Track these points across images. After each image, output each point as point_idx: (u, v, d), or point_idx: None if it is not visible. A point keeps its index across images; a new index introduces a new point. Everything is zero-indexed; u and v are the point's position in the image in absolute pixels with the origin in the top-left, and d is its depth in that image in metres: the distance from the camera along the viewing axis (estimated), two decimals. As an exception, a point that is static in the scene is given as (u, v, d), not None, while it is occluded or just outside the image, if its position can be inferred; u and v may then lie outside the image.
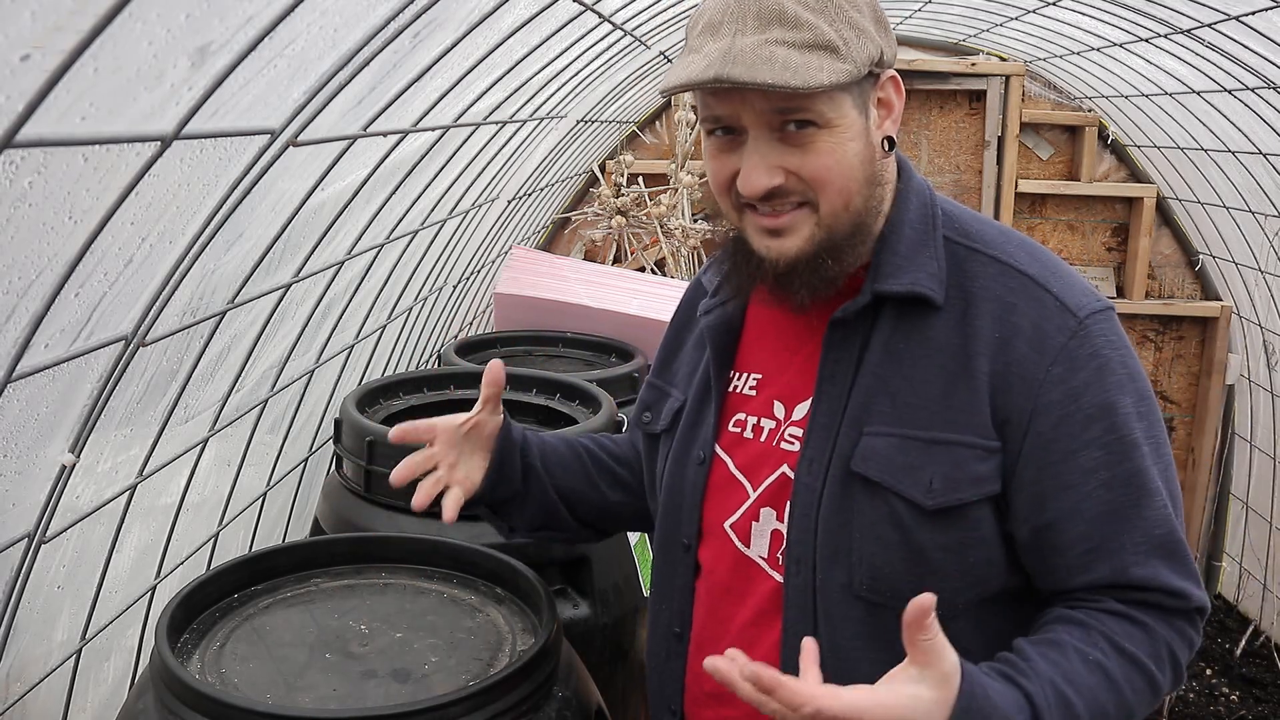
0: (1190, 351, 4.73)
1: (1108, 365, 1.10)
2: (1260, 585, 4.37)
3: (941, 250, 1.15)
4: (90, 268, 1.21)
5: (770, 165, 1.09)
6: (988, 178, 4.63)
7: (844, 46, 1.06)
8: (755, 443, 1.22)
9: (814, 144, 1.08)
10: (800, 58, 1.04)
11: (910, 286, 1.12)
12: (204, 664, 1.27)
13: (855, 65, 1.06)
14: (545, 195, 4.05)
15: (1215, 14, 2.88)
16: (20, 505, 1.37)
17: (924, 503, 1.09)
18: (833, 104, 1.07)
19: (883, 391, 1.13)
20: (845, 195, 1.11)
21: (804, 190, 1.10)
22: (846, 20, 1.07)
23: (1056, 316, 1.10)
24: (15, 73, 0.85)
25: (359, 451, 1.92)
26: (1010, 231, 1.20)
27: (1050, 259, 1.16)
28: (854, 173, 1.10)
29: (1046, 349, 1.09)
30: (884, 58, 1.11)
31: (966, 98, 4.63)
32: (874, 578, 1.12)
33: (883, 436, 1.12)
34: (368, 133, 1.68)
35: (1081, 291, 1.13)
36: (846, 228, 1.12)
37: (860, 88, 1.10)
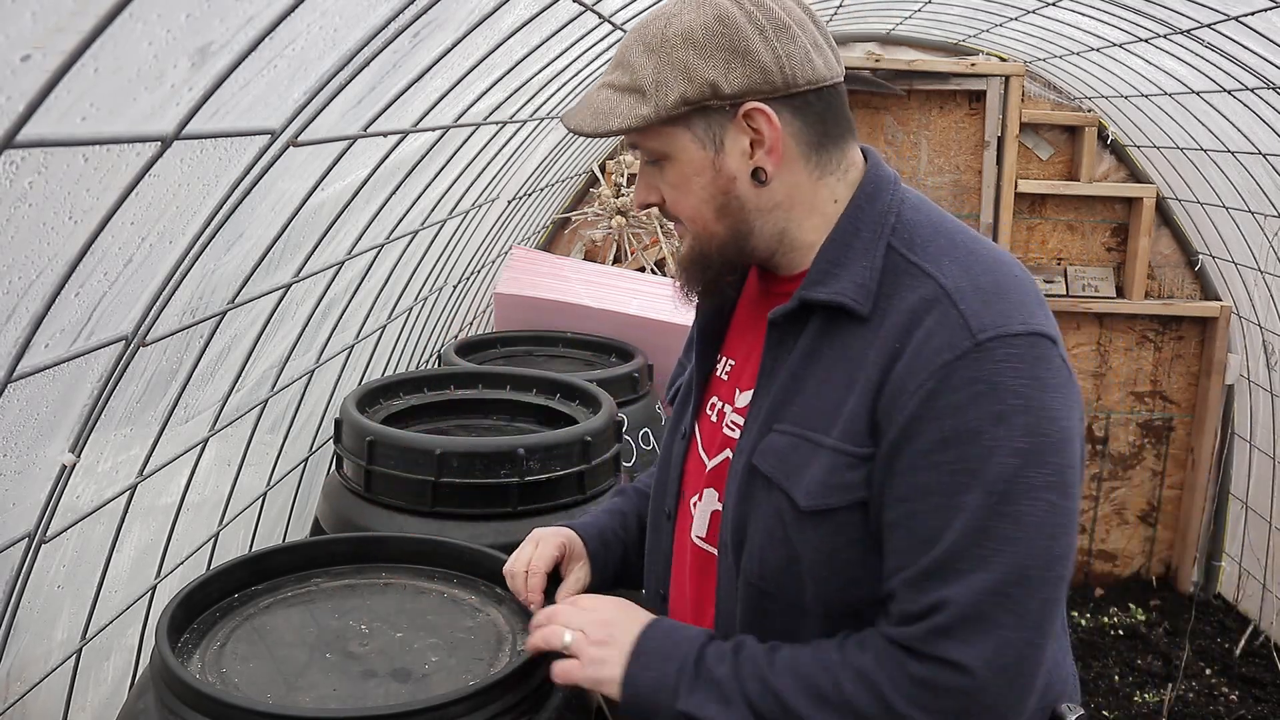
0: (1190, 351, 4.73)
1: (993, 393, 1.03)
2: (1260, 585, 4.38)
3: (880, 259, 1.13)
4: (90, 268, 1.21)
5: (647, 185, 1.22)
6: (987, 178, 4.63)
7: (652, 89, 1.12)
8: (716, 425, 1.30)
9: (663, 174, 1.19)
10: (611, 101, 1.15)
11: (833, 296, 1.13)
12: (204, 663, 1.27)
13: (656, 109, 1.12)
14: (545, 195, 4.05)
15: (1215, 14, 2.88)
16: (20, 505, 1.38)
17: (800, 503, 1.12)
18: (663, 140, 1.15)
19: (798, 392, 1.16)
20: (699, 221, 1.19)
21: (671, 213, 1.22)
22: (672, 62, 1.12)
23: (952, 334, 1.05)
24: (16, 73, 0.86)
25: (359, 451, 1.92)
26: (964, 240, 1.15)
27: (986, 273, 1.10)
28: (701, 203, 1.17)
29: (929, 364, 1.05)
30: (722, 90, 1.11)
31: (966, 98, 4.64)
32: (763, 567, 1.17)
33: (784, 435, 1.16)
34: (368, 133, 1.68)
35: (999, 313, 1.06)
36: (716, 248, 1.20)
37: (706, 122, 1.14)
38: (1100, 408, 4.80)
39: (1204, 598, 4.76)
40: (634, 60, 1.14)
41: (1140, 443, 4.83)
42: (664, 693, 1.12)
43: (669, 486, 1.35)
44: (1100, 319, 4.71)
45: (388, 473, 1.89)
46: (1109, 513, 4.88)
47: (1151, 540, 4.90)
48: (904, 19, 4.38)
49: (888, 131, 4.65)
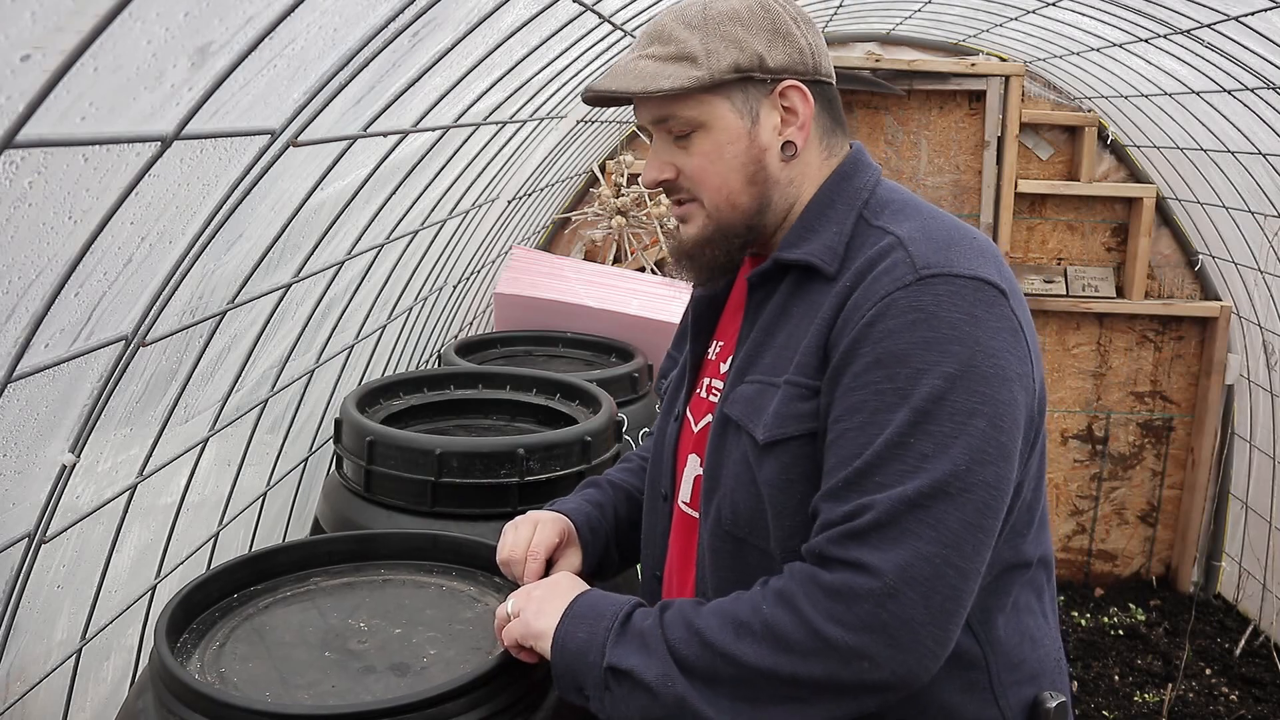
0: (1190, 351, 4.73)
1: (927, 322, 1.07)
2: (1260, 585, 4.38)
3: (850, 227, 1.21)
4: (90, 268, 1.21)
5: (661, 162, 1.25)
6: (987, 178, 4.63)
7: (704, 56, 1.18)
8: (704, 400, 1.35)
9: (693, 145, 1.22)
10: (655, 68, 1.19)
11: (803, 255, 1.20)
12: (204, 663, 1.28)
13: (710, 72, 1.17)
14: (545, 195, 4.05)
15: (1215, 14, 2.88)
16: (20, 505, 1.38)
17: (759, 437, 1.16)
18: (702, 108, 1.20)
19: (768, 346, 1.22)
20: (725, 192, 1.23)
21: (690, 187, 1.24)
22: (720, 34, 1.19)
23: (899, 270, 1.11)
24: (15, 73, 0.86)
25: (359, 451, 1.93)
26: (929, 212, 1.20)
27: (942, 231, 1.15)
28: (732, 172, 1.22)
29: (873, 296, 1.11)
30: (767, 64, 1.19)
31: (966, 98, 4.64)
32: (734, 512, 1.21)
33: (752, 384, 1.21)
34: (368, 133, 1.68)
35: (946, 258, 1.11)
36: (735, 222, 1.24)
37: (744, 94, 1.20)
38: (1100, 408, 4.80)
39: (1204, 598, 4.76)
40: (676, 34, 1.19)
41: (1140, 443, 4.83)
42: (592, 650, 1.13)
43: (664, 467, 1.38)
44: (1100, 319, 4.71)
45: (388, 473, 1.89)
46: (1109, 513, 4.89)
47: (1151, 540, 4.90)
48: (904, 19, 4.38)
49: (888, 131, 4.65)
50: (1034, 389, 1.14)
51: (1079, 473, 4.84)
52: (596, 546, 1.45)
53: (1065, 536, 4.90)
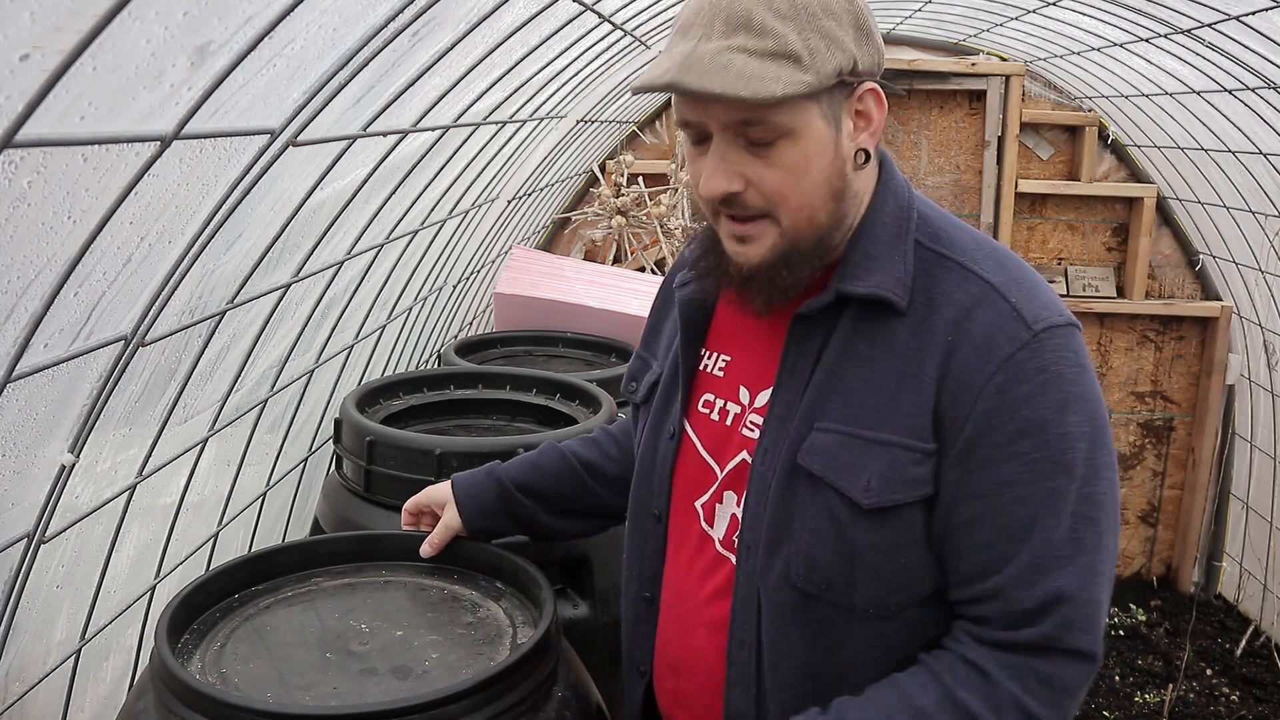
0: (1190, 351, 4.73)
1: (1054, 382, 1.06)
2: (1260, 585, 4.38)
3: (911, 254, 1.13)
4: (89, 268, 1.21)
5: (730, 171, 1.09)
6: (988, 178, 4.63)
7: (808, 56, 1.04)
8: (721, 425, 1.25)
9: (775, 155, 1.07)
10: (758, 67, 1.03)
11: (874, 289, 1.11)
12: (205, 664, 1.27)
13: (818, 76, 1.04)
14: (545, 195, 4.05)
15: (1215, 14, 2.88)
16: (20, 505, 1.37)
17: (860, 501, 1.10)
18: (796, 114, 1.06)
19: (837, 389, 1.13)
20: (807, 210, 1.10)
21: (763, 204, 1.10)
22: (818, 29, 1.05)
23: (1010, 326, 1.08)
24: (15, 73, 0.85)
25: (359, 451, 1.92)
26: (983, 239, 1.18)
27: (1018, 269, 1.13)
28: (816, 188, 1.10)
29: (993, 356, 1.07)
30: (859, 67, 1.08)
31: (966, 98, 4.63)
32: (809, 569, 1.14)
33: (830, 433, 1.13)
34: (367, 133, 1.68)
35: (1043, 305, 1.10)
36: (810, 241, 1.12)
37: (831, 98, 1.08)
38: (1101, 408, 4.80)
39: (1205, 598, 4.75)
40: (770, 25, 1.04)
41: (1141, 443, 4.83)
42: None
43: (655, 487, 1.30)
44: (1101, 319, 4.71)
45: (387, 473, 1.89)
46: (1109, 513, 4.88)
47: (1152, 540, 4.90)
48: (904, 18, 4.38)
49: (888, 131, 4.65)
50: None
51: (1079, 473, 4.84)
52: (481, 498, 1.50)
53: (1065, 536, 4.90)
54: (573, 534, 1.59)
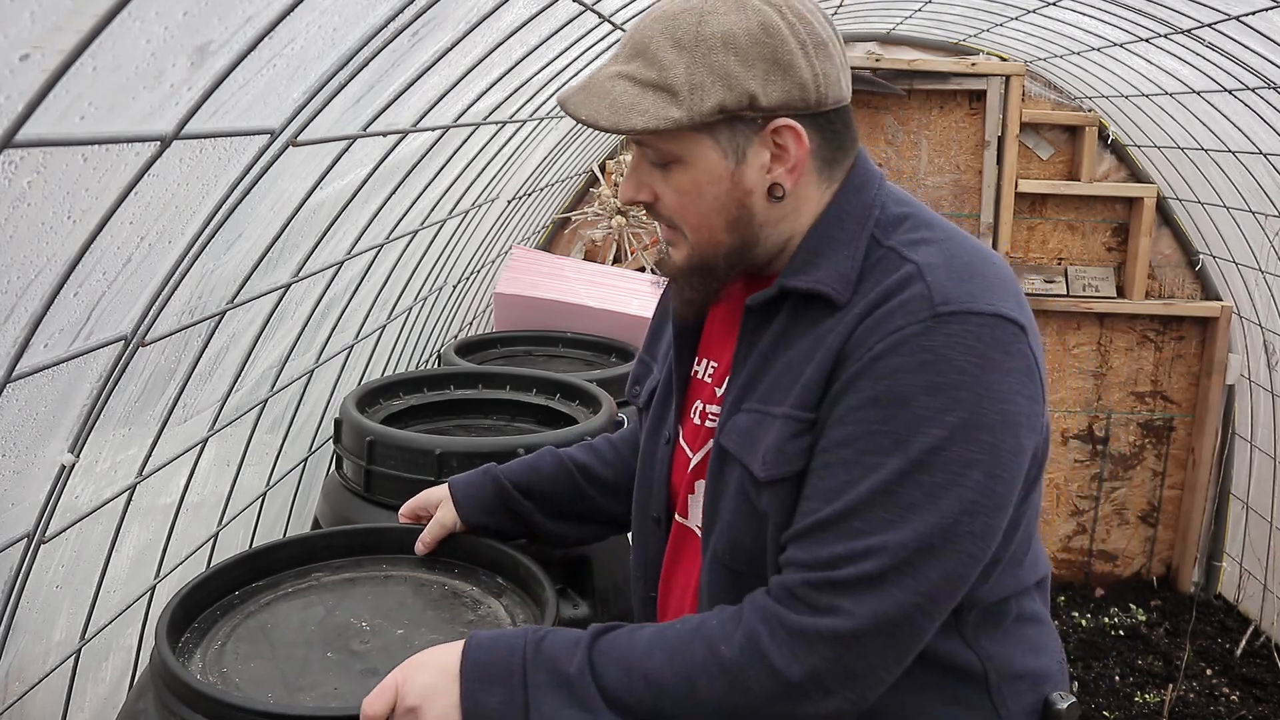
0: (1190, 351, 4.73)
1: (935, 365, 1.01)
2: (1260, 585, 4.38)
3: (861, 250, 1.13)
4: (89, 268, 1.21)
5: (639, 182, 1.15)
6: (988, 178, 4.63)
7: (686, 92, 1.05)
8: (702, 426, 1.28)
9: (672, 177, 1.12)
10: (633, 97, 1.07)
11: (813, 284, 1.12)
12: (205, 663, 1.27)
13: (690, 113, 1.06)
14: (545, 195, 4.05)
15: (1215, 14, 2.88)
16: (19, 505, 1.38)
17: (758, 474, 1.11)
18: (682, 144, 1.09)
19: (765, 372, 1.15)
20: (705, 231, 1.14)
21: (670, 217, 1.16)
22: (710, 64, 1.05)
23: (915, 304, 1.04)
24: (15, 73, 0.85)
25: (359, 451, 1.92)
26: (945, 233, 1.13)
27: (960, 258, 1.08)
28: (712, 213, 1.12)
29: (884, 330, 1.04)
30: (760, 103, 1.07)
31: (966, 98, 4.63)
32: (733, 547, 1.17)
33: (748, 413, 1.15)
34: (367, 133, 1.68)
35: (966, 292, 1.04)
36: (716, 259, 1.16)
37: (732, 132, 1.09)
38: (1100, 408, 4.80)
39: (1205, 598, 4.75)
40: (661, 55, 1.06)
41: (1141, 443, 4.83)
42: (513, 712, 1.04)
43: (654, 491, 1.33)
44: (1101, 319, 4.71)
45: (387, 473, 1.89)
46: (1109, 513, 4.88)
47: (1152, 540, 4.90)
48: (904, 18, 4.38)
49: (888, 131, 4.65)
50: (1042, 427, 1.10)
51: (1079, 473, 4.84)
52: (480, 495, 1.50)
53: (1066, 536, 4.90)
54: (571, 539, 1.59)
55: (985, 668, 1.16)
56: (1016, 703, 1.18)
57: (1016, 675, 1.18)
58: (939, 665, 1.14)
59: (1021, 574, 1.19)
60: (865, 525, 1.02)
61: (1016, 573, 1.18)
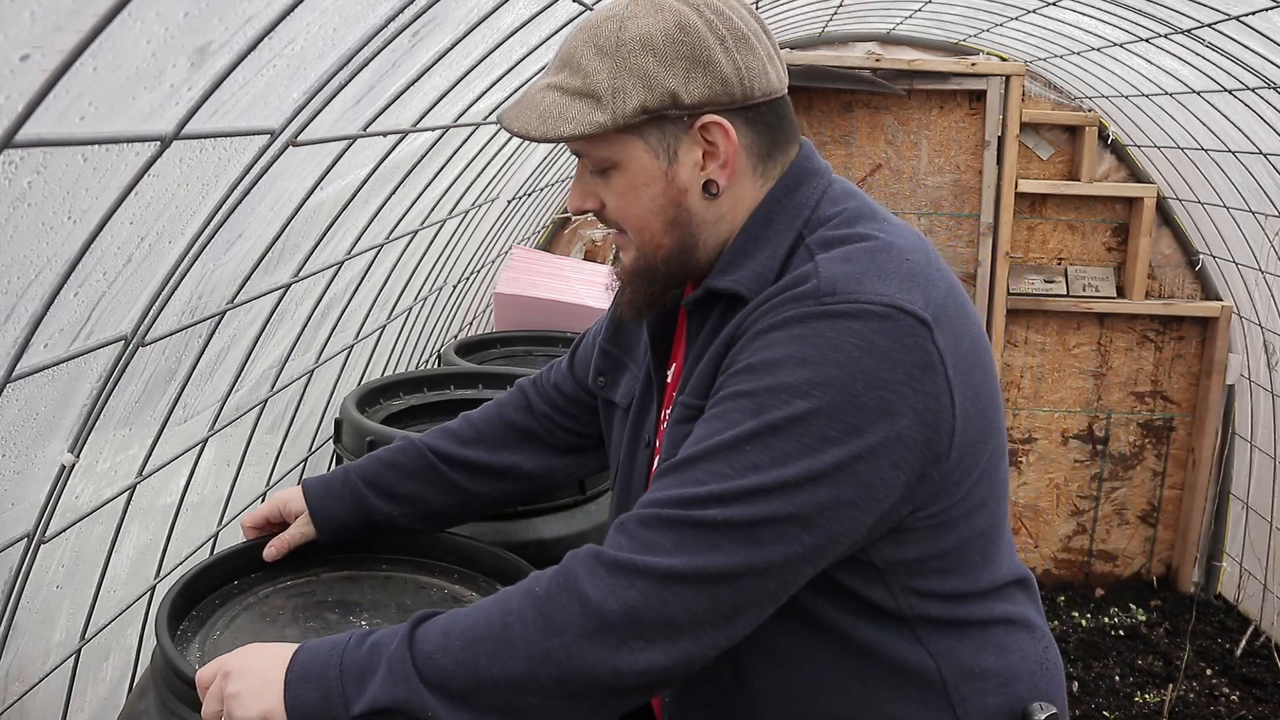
0: (1190, 351, 4.73)
1: (810, 341, 1.01)
2: (1260, 585, 4.38)
3: (784, 251, 1.13)
4: (89, 267, 1.21)
5: (584, 191, 1.19)
6: (988, 178, 4.63)
7: (609, 96, 1.08)
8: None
9: (611, 182, 1.16)
10: (561, 106, 1.10)
11: (730, 284, 1.14)
12: (204, 653, 1.28)
13: (613, 116, 1.08)
14: (545, 195, 4.05)
15: (1215, 14, 2.88)
16: (19, 505, 1.38)
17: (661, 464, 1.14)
18: (614, 148, 1.12)
19: (694, 369, 1.18)
20: (646, 233, 1.17)
21: (615, 221, 1.19)
22: (630, 67, 1.08)
23: (804, 294, 1.06)
24: (15, 73, 0.85)
25: (359, 451, 1.92)
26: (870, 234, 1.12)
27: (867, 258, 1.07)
28: (650, 215, 1.15)
29: (773, 312, 1.07)
30: (682, 100, 1.09)
31: (966, 97, 4.63)
32: None
33: (677, 406, 1.19)
34: (367, 133, 1.68)
35: (862, 286, 1.04)
36: (659, 263, 1.18)
37: (661, 132, 1.11)
38: (1100, 408, 4.80)
39: (1205, 598, 4.75)
40: (585, 63, 1.10)
41: (1141, 443, 4.83)
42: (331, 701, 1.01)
43: (634, 494, 1.32)
44: (1101, 319, 4.71)
45: (387, 473, 1.89)
46: (1109, 513, 4.88)
47: (1152, 540, 4.90)
48: (904, 18, 4.38)
49: (888, 131, 4.65)
50: (947, 422, 1.05)
51: (1079, 473, 4.84)
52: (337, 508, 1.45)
53: (1065, 536, 4.90)
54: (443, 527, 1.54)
55: (938, 664, 1.14)
56: (978, 703, 1.15)
57: (976, 674, 1.16)
58: (886, 661, 1.13)
59: (979, 575, 1.16)
60: (704, 476, 1.01)
61: (971, 573, 1.16)
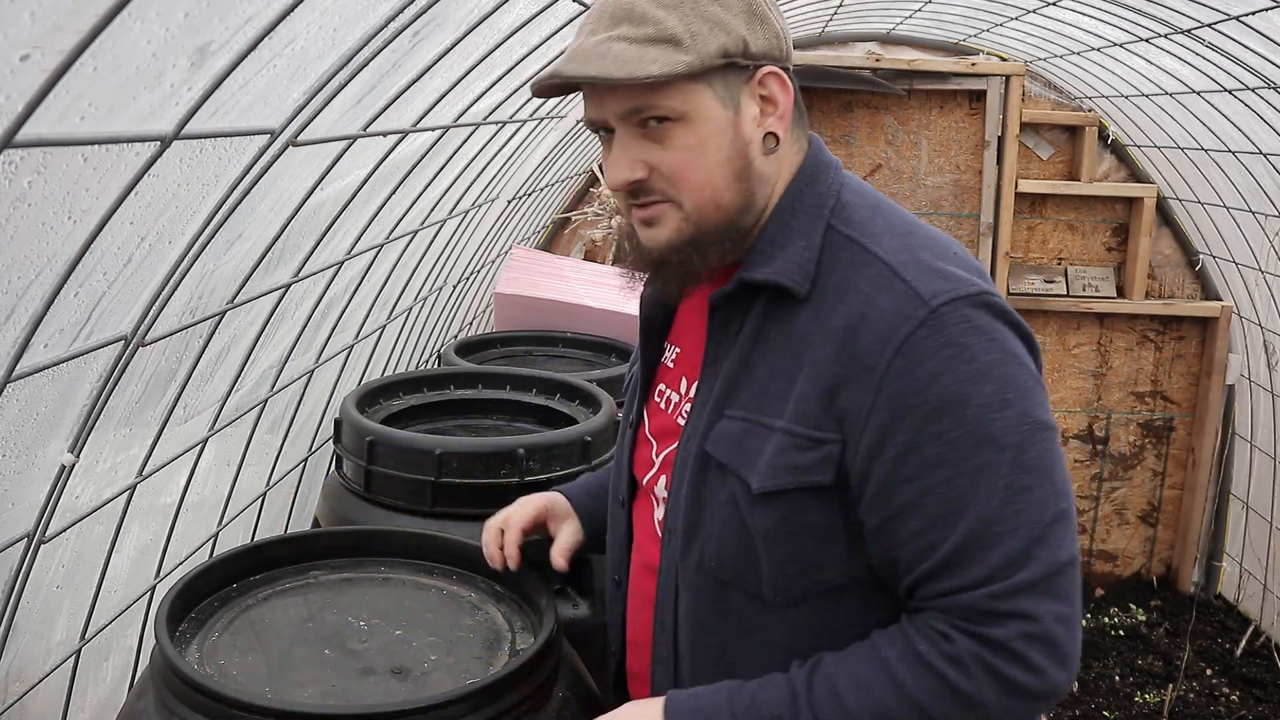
0: (1190, 351, 4.73)
1: (962, 355, 1.04)
2: (1260, 585, 4.38)
3: (818, 241, 1.13)
4: (89, 267, 1.21)
5: (631, 160, 1.12)
6: (988, 178, 4.63)
7: (689, 39, 1.06)
8: (665, 413, 1.27)
9: (671, 138, 1.10)
10: (635, 51, 1.06)
11: (771, 276, 1.12)
12: (202, 654, 1.28)
13: (699, 57, 1.06)
14: (545, 195, 4.05)
15: (1215, 14, 2.88)
16: (20, 505, 1.38)
17: (752, 485, 1.11)
18: (684, 97, 1.08)
19: (747, 377, 1.15)
20: (708, 190, 1.12)
21: (665, 187, 1.12)
22: (700, 14, 1.08)
23: (906, 305, 1.05)
24: (15, 73, 0.85)
25: (359, 451, 1.92)
26: (901, 221, 1.15)
27: (925, 247, 1.10)
28: (717, 168, 1.11)
29: (890, 339, 1.05)
30: (751, 49, 1.10)
31: (966, 98, 4.63)
32: (720, 555, 1.15)
33: (736, 420, 1.14)
34: (367, 133, 1.68)
35: (945, 279, 1.07)
36: (716, 223, 1.13)
37: (725, 81, 1.10)
38: (1100, 408, 4.80)
39: (1205, 598, 4.75)
40: (650, 13, 1.07)
41: (1141, 443, 4.83)
42: None
43: (621, 473, 1.33)
44: (1101, 319, 4.71)
45: (387, 473, 1.89)
46: (1109, 513, 4.88)
47: (1152, 540, 4.90)
48: (904, 19, 4.38)
49: (888, 131, 4.65)
50: None
51: (1079, 473, 4.84)
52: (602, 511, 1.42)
53: (1065, 536, 4.90)
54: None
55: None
56: None
57: None
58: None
59: None
60: (1004, 526, 1.03)
61: None
